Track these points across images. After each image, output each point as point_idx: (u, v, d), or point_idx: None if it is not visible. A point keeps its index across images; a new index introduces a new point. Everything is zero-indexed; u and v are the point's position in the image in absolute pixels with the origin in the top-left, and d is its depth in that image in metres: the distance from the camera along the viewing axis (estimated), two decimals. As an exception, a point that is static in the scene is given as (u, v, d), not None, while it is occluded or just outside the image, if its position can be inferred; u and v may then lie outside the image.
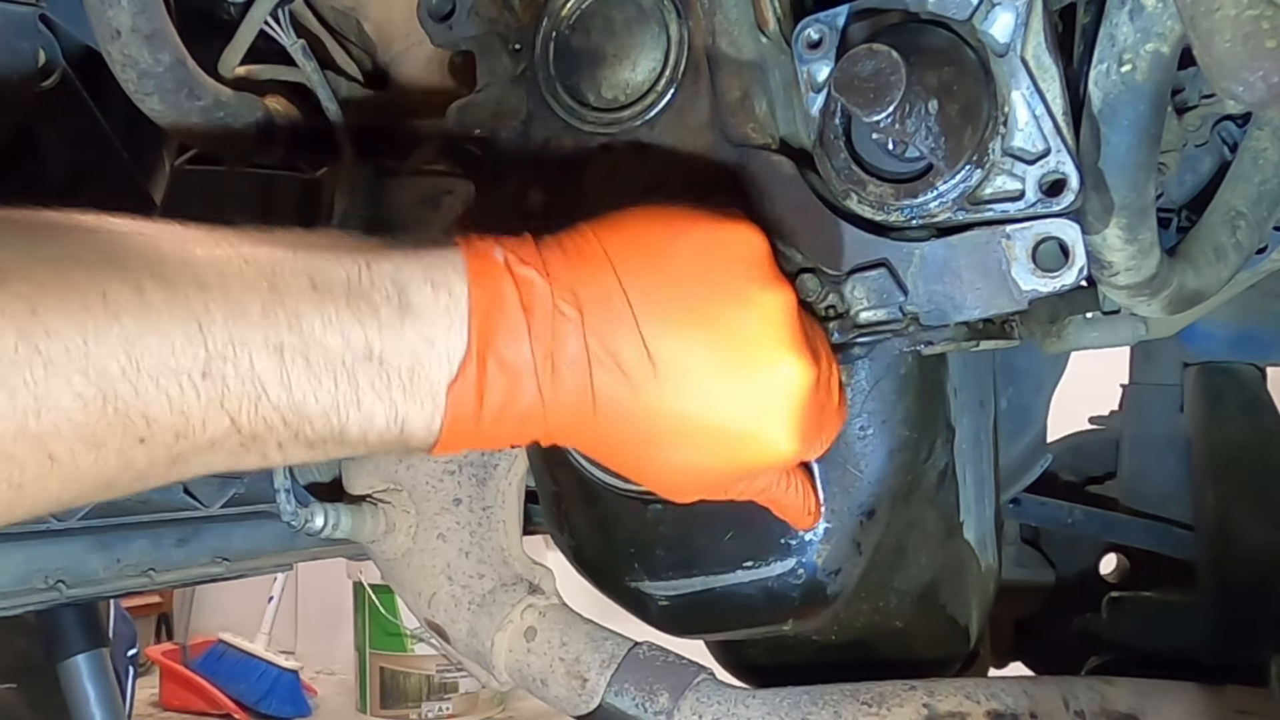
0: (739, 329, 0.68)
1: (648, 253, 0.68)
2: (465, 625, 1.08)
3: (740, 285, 0.70)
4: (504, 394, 0.64)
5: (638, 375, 0.66)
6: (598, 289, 0.66)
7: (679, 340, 0.67)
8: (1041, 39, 0.74)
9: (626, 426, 0.67)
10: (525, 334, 0.64)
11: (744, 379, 0.68)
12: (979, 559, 1.06)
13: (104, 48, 0.90)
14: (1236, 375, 1.48)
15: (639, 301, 0.66)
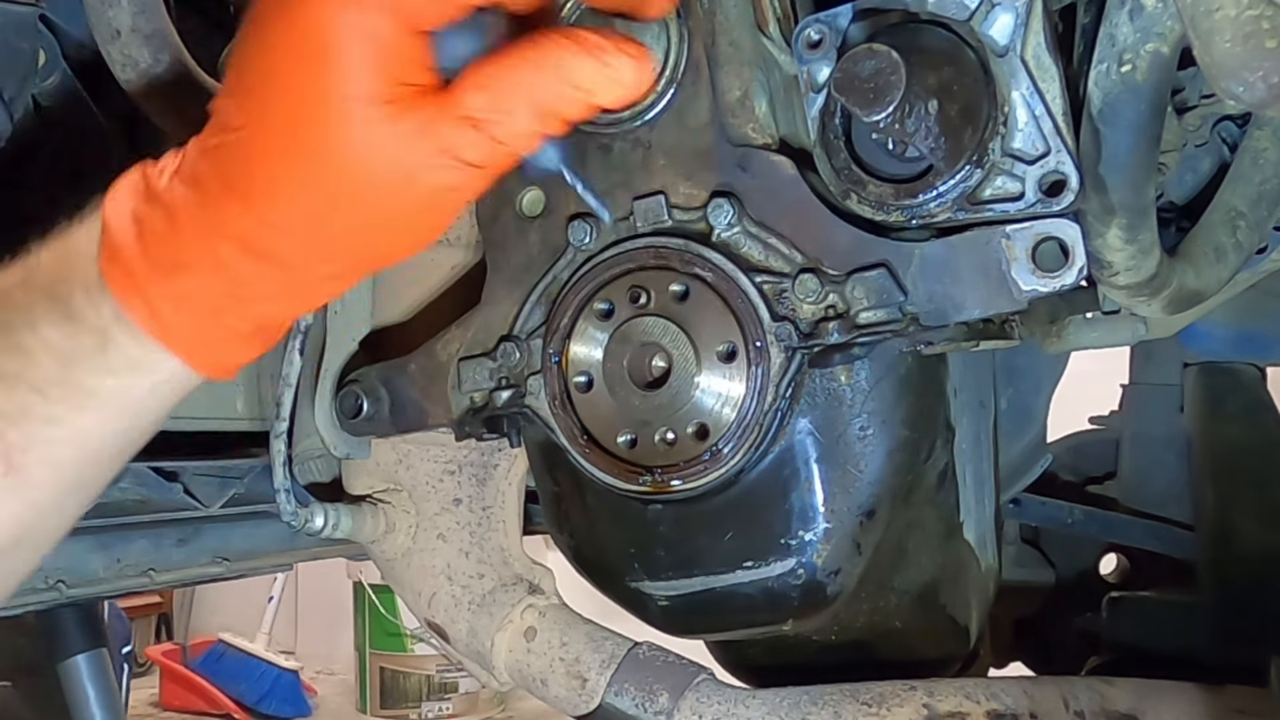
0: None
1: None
2: (465, 625, 1.08)
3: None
4: (153, 220, 0.63)
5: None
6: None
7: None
8: (1041, 39, 0.74)
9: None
10: (146, 179, 0.65)
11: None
12: (979, 559, 1.06)
13: (104, 48, 0.90)
14: (1236, 375, 1.48)
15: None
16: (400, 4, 0.60)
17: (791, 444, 0.86)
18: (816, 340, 0.83)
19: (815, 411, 0.86)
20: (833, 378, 0.86)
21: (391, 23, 0.60)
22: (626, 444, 0.88)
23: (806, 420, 0.86)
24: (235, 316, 0.65)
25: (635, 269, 0.87)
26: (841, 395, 0.86)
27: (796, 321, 0.83)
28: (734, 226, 0.84)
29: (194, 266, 0.63)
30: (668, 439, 0.86)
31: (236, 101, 0.63)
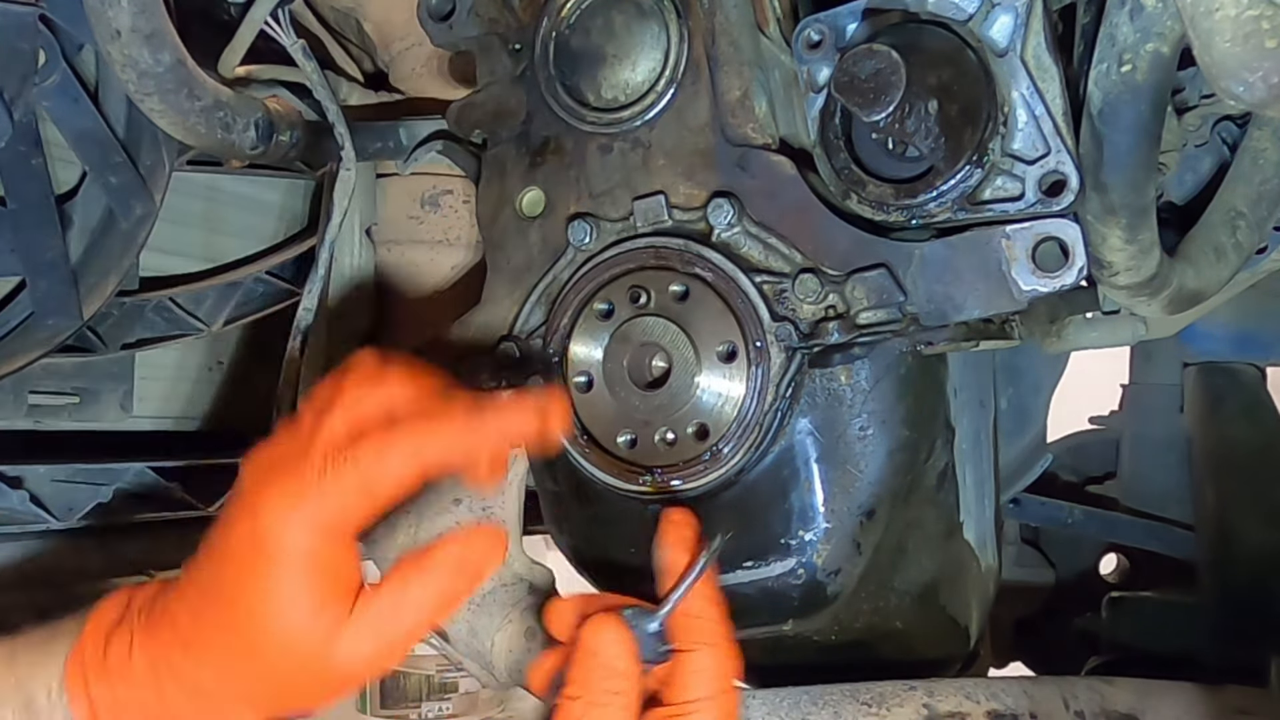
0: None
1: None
2: (465, 625, 1.08)
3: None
4: (107, 670, 0.75)
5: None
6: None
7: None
8: (1041, 39, 0.74)
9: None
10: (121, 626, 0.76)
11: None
12: (979, 559, 1.06)
13: (104, 48, 0.89)
14: (1236, 375, 1.48)
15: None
16: (332, 522, 0.72)
17: (791, 444, 0.86)
18: (816, 340, 0.82)
19: (815, 411, 0.86)
20: (833, 378, 0.86)
21: (324, 537, 0.72)
22: (626, 444, 0.88)
23: (806, 420, 0.86)
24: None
25: (635, 269, 0.87)
26: (841, 395, 0.86)
27: (796, 321, 0.83)
28: (734, 227, 0.84)
29: (138, 683, 0.74)
30: (668, 439, 0.86)
31: (194, 576, 0.75)
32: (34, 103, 1.05)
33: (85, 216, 1.13)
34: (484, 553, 0.79)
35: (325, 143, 1.07)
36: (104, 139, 1.09)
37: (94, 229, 1.13)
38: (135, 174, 1.11)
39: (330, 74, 1.12)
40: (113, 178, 1.10)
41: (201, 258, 1.44)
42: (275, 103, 1.06)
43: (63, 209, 1.12)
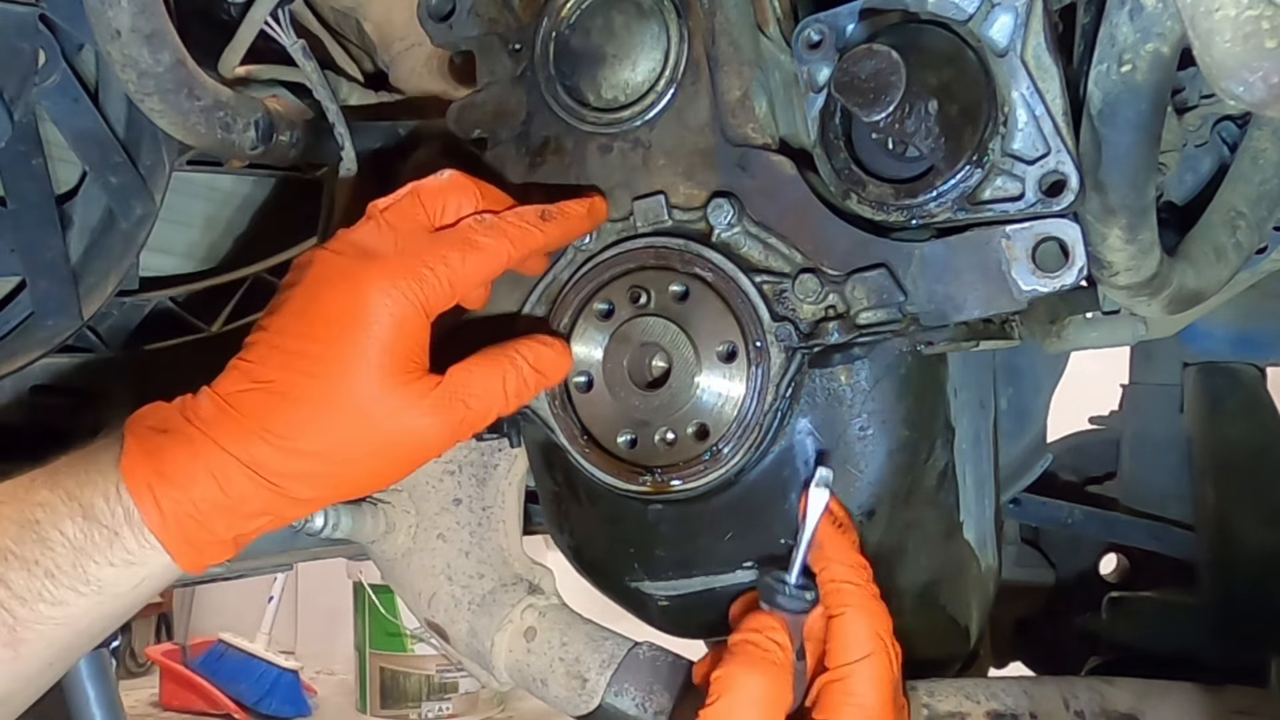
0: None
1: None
2: (465, 625, 1.08)
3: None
4: (171, 445, 0.76)
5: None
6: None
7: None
8: (1041, 40, 0.74)
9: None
10: (169, 405, 0.78)
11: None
12: (979, 559, 1.06)
13: (104, 48, 0.89)
14: (1236, 375, 1.48)
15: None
16: (424, 297, 0.78)
17: (791, 444, 0.86)
18: (816, 340, 0.82)
19: (815, 411, 0.86)
20: (833, 378, 0.86)
21: (416, 310, 0.78)
22: (626, 444, 0.88)
23: (806, 420, 0.86)
24: (223, 526, 0.77)
25: (635, 269, 0.87)
26: (841, 395, 0.86)
27: (796, 321, 0.83)
28: (734, 226, 0.84)
29: (203, 483, 0.75)
30: (668, 439, 0.86)
31: (266, 357, 0.78)
32: (34, 103, 1.05)
33: (85, 216, 1.13)
34: (551, 361, 0.85)
35: (325, 143, 1.07)
36: (104, 139, 1.09)
37: (94, 229, 1.13)
38: (135, 174, 1.11)
39: (330, 74, 1.12)
40: (113, 178, 1.10)
41: (201, 258, 1.44)
42: (275, 103, 1.06)
43: (63, 209, 1.12)
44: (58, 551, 0.74)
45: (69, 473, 0.76)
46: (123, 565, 0.75)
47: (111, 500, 0.74)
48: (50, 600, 0.74)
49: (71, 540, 0.74)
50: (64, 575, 0.74)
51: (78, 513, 0.74)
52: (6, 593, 0.73)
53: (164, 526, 0.75)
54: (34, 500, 0.75)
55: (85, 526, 0.74)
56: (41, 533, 0.74)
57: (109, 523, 0.74)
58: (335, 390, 0.76)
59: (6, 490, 0.76)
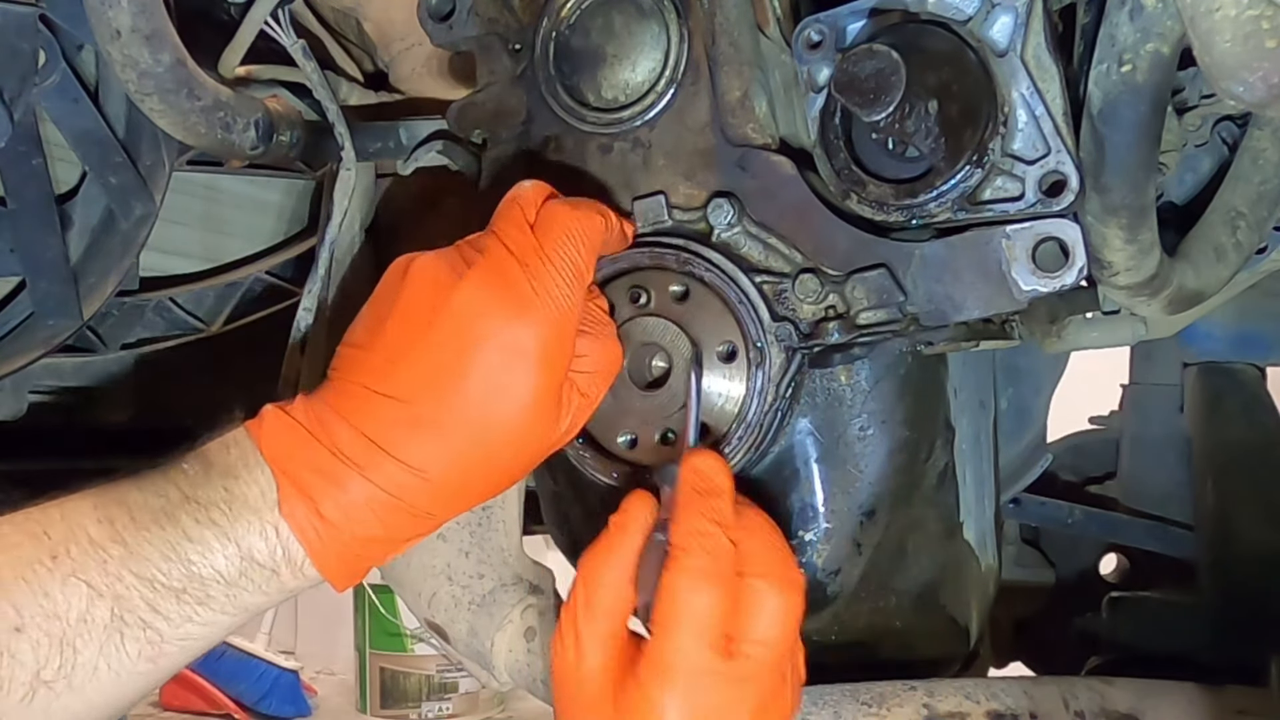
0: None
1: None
2: (465, 625, 1.08)
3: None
4: (328, 487, 0.75)
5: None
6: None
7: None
8: (1041, 40, 0.74)
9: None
10: (314, 442, 0.76)
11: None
12: (979, 559, 1.06)
13: (104, 48, 0.89)
14: (1236, 375, 1.48)
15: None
16: (572, 323, 0.78)
17: (792, 444, 0.86)
18: (817, 340, 0.82)
19: (815, 411, 0.86)
20: (833, 378, 0.86)
21: (569, 338, 0.78)
22: (626, 444, 0.87)
23: (807, 420, 0.86)
24: (380, 554, 0.78)
25: (635, 269, 0.87)
26: (841, 395, 0.86)
27: (796, 322, 0.83)
28: (734, 227, 0.84)
29: (364, 523, 0.76)
30: (668, 439, 0.86)
31: (410, 392, 0.76)
32: (34, 103, 1.05)
33: (85, 216, 1.13)
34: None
35: (325, 143, 1.07)
36: (104, 139, 1.09)
37: (94, 229, 1.13)
38: (135, 174, 1.11)
39: (330, 74, 1.12)
40: (113, 178, 1.10)
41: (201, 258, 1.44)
42: (275, 103, 1.06)
43: (63, 209, 1.12)
44: (210, 586, 0.75)
45: (214, 501, 0.75)
46: (275, 594, 0.78)
47: (270, 542, 0.75)
48: (199, 622, 0.75)
49: (225, 576, 0.75)
50: (215, 603, 0.75)
51: (234, 553, 0.75)
52: (154, 615, 0.73)
53: (328, 564, 0.76)
54: (179, 531, 0.74)
55: (242, 566, 0.75)
56: (194, 570, 0.74)
57: (267, 563, 0.75)
58: (499, 429, 0.76)
59: (142, 507, 0.75)
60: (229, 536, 0.75)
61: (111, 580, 0.72)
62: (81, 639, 0.72)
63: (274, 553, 0.75)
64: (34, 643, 0.70)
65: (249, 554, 0.75)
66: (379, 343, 0.78)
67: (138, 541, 0.73)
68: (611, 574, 0.76)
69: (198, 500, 0.75)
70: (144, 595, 0.73)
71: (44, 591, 0.71)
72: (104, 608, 0.72)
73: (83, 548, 0.72)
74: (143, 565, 0.73)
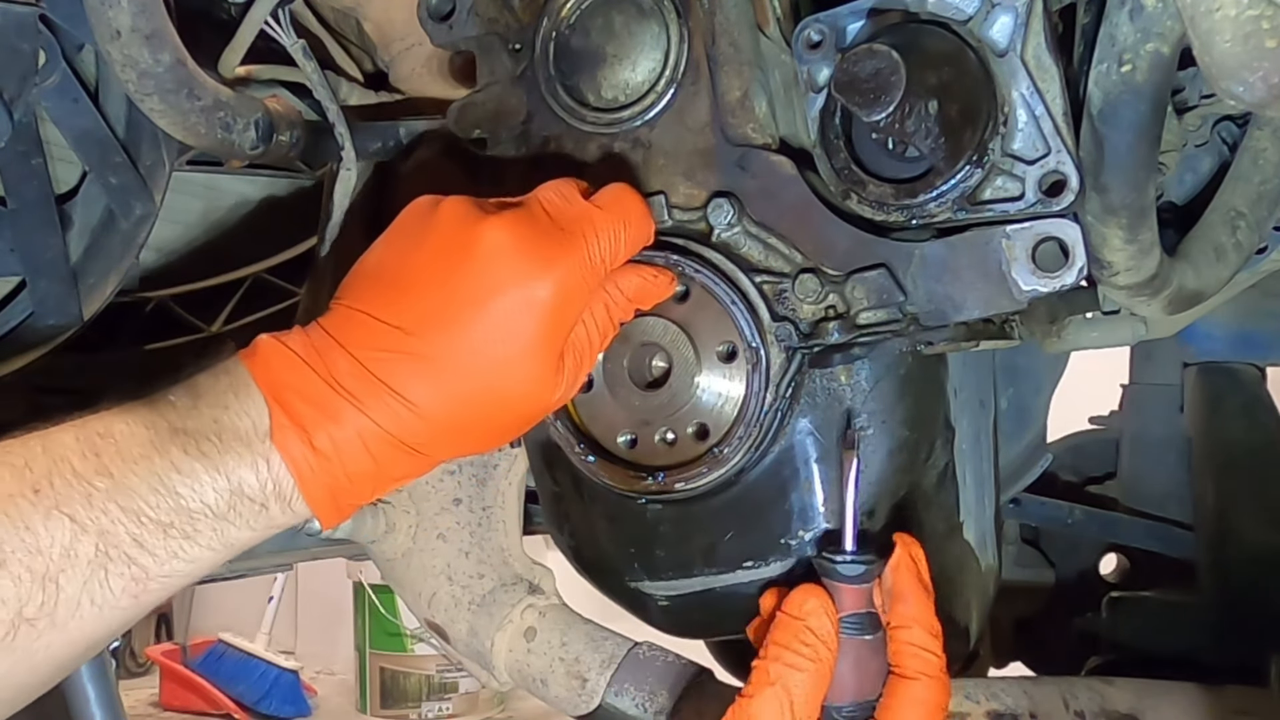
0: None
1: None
2: (465, 625, 1.08)
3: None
4: (322, 419, 0.73)
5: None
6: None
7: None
8: (1041, 40, 0.74)
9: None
10: (310, 371, 0.74)
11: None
12: (979, 559, 1.06)
13: (104, 48, 0.89)
14: (1236, 375, 1.48)
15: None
16: (591, 279, 0.78)
17: (791, 444, 0.86)
18: (816, 340, 0.83)
19: (815, 411, 0.86)
20: (833, 378, 0.86)
21: (584, 293, 0.78)
22: (626, 444, 0.88)
23: (806, 420, 0.86)
24: (370, 491, 0.77)
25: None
26: (841, 395, 0.86)
27: (796, 321, 0.83)
28: (734, 226, 0.84)
29: (356, 457, 0.74)
30: (668, 439, 0.86)
31: (418, 329, 0.75)
32: (34, 103, 1.05)
33: (85, 216, 1.13)
34: (662, 286, 0.84)
35: (325, 143, 1.07)
36: (104, 139, 1.09)
37: (94, 229, 1.13)
38: (135, 174, 1.11)
39: (330, 74, 1.12)
40: (113, 178, 1.10)
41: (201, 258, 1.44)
42: (275, 103, 1.06)
43: (63, 209, 1.12)
44: (198, 520, 0.73)
45: (204, 434, 0.73)
46: (262, 529, 0.75)
47: (261, 475, 0.73)
48: (185, 558, 0.73)
49: (214, 509, 0.73)
50: (202, 537, 0.73)
51: (223, 486, 0.73)
52: (140, 551, 0.71)
53: (318, 498, 0.75)
54: (168, 463, 0.72)
55: (231, 500, 0.73)
56: (182, 503, 0.72)
57: (257, 496, 0.73)
58: (499, 374, 0.75)
59: (130, 440, 0.73)
60: (219, 469, 0.73)
61: (97, 514, 0.70)
62: (65, 575, 0.69)
63: (264, 486, 0.74)
64: (15, 578, 0.68)
65: (239, 487, 0.73)
66: (389, 272, 0.77)
67: (124, 474, 0.71)
68: (818, 693, 0.77)
69: (187, 431, 0.73)
70: (129, 530, 0.71)
71: (26, 526, 0.68)
72: (88, 543, 0.70)
73: (66, 480, 0.70)
74: (129, 498, 0.71)
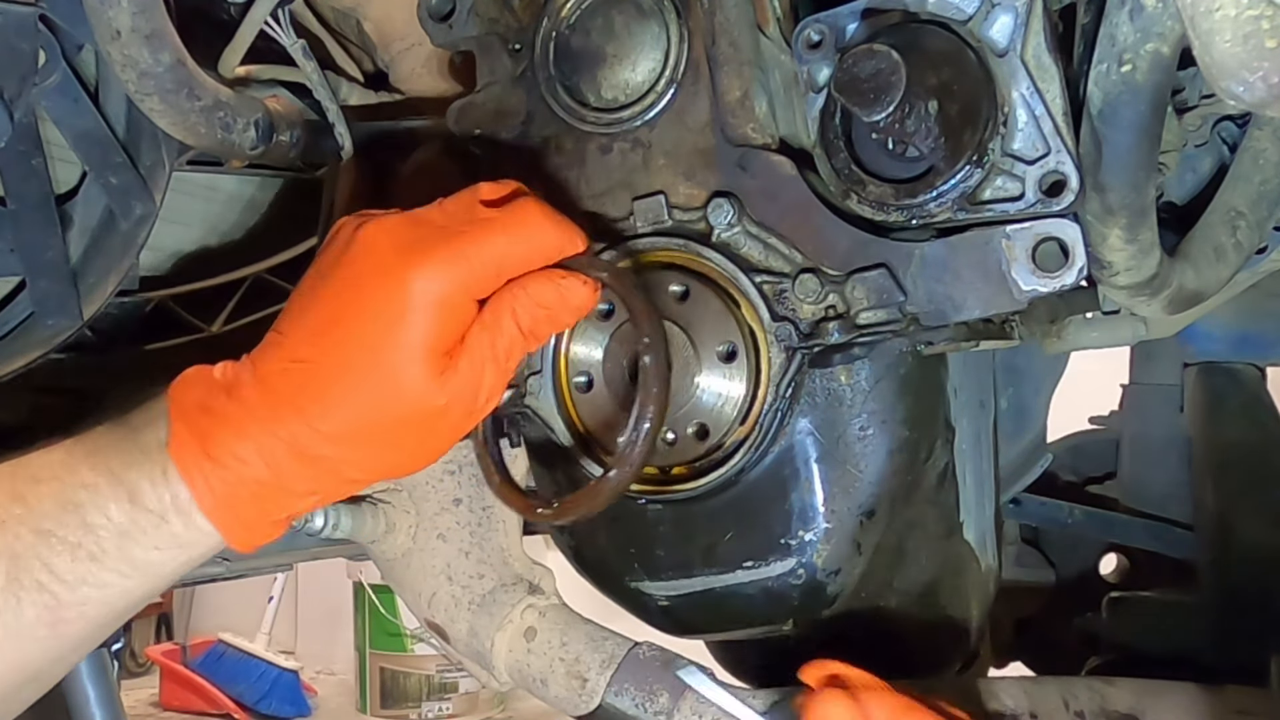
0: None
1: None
2: (465, 625, 1.08)
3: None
4: (219, 429, 0.74)
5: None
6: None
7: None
8: (1041, 40, 0.74)
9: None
10: (216, 387, 0.76)
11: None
12: (979, 559, 1.06)
13: (104, 48, 0.89)
14: (1236, 375, 1.48)
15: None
16: (468, 280, 0.75)
17: (791, 444, 0.86)
18: (816, 340, 0.83)
19: (815, 411, 0.86)
20: (833, 378, 0.86)
21: (460, 293, 0.75)
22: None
23: (806, 420, 0.86)
24: (274, 505, 0.76)
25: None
26: (841, 395, 0.86)
27: (796, 321, 0.83)
28: (734, 227, 0.84)
29: (251, 464, 0.74)
30: (668, 439, 0.86)
31: (305, 337, 0.76)
32: (34, 103, 1.05)
33: (85, 216, 1.13)
34: (575, 292, 0.80)
35: (325, 143, 1.07)
36: (104, 139, 1.08)
37: (94, 229, 1.13)
38: (135, 174, 1.11)
39: (330, 74, 1.12)
40: (113, 178, 1.10)
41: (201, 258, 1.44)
42: (275, 103, 1.06)
43: (63, 209, 1.12)
44: (103, 536, 0.73)
45: (112, 450, 0.75)
46: (169, 548, 0.75)
47: (159, 485, 0.73)
48: (95, 583, 0.73)
49: (117, 525, 0.73)
50: (109, 558, 0.73)
51: (123, 496, 0.73)
52: (50, 576, 0.72)
53: (216, 509, 0.74)
54: (76, 480, 0.73)
55: (131, 511, 0.73)
56: (85, 516, 0.73)
57: (156, 508, 0.73)
58: (371, 373, 0.74)
59: (45, 466, 0.74)
60: (120, 480, 0.73)
61: (10, 539, 0.71)
62: None
63: (161, 496, 0.73)
64: None
65: (137, 497, 0.73)
66: (299, 290, 0.79)
67: (37, 496, 0.72)
68: None
69: (98, 450, 0.74)
70: (39, 554, 0.71)
71: None
72: (0, 568, 0.70)
73: None
74: (39, 520, 0.72)
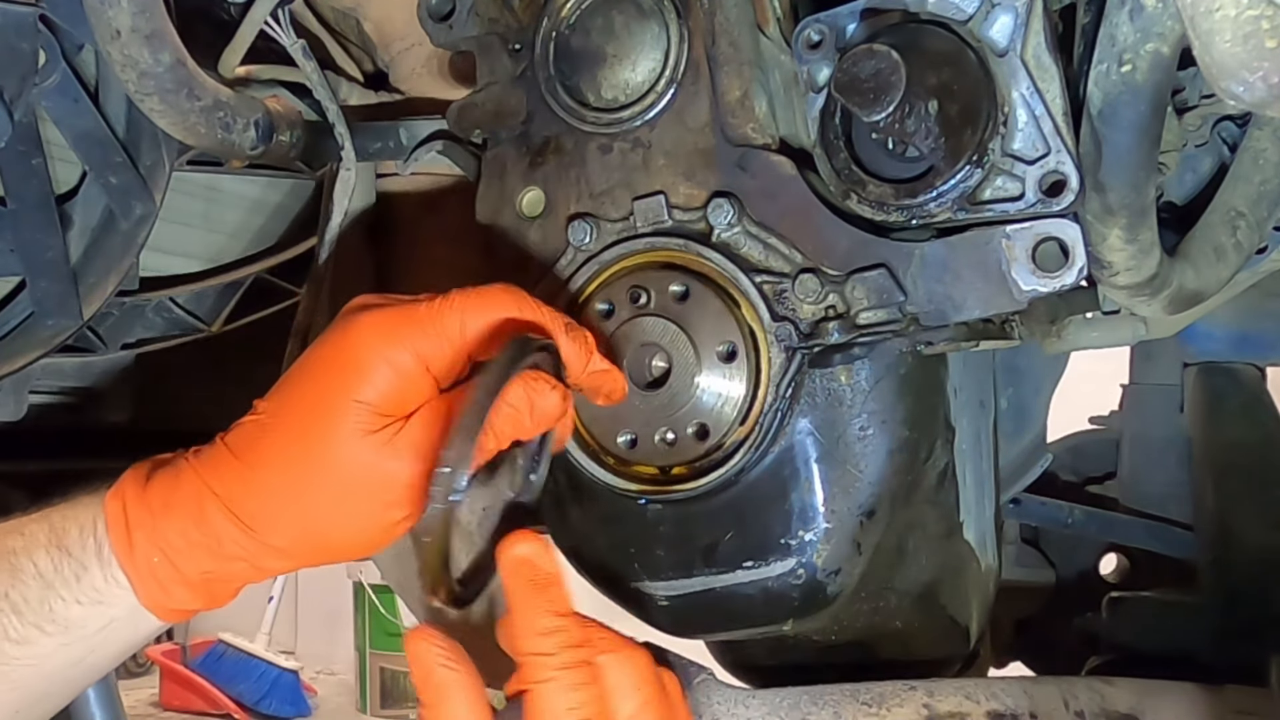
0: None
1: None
2: (465, 625, 1.08)
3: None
4: (165, 477, 0.74)
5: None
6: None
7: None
8: (1041, 40, 0.74)
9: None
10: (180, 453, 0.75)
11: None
12: (979, 559, 1.06)
13: (104, 48, 0.89)
14: (1236, 375, 1.48)
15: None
16: (421, 348, 0.74)
17: (791, 444, 0.86)
18: (816, 340, 0.83)
19: (815, 411, 0.86)
20: (833, 378, 0.86)
21: (409, 355, 0.74)
22: (626, 444, 0.88)
23: (807, 420, 0.86)
24: (192, 564, 0.73)
25: (635, 269, 0.87)
26: (841, 395, 0.86)
27: (796, 321, 0.83)
28: (734, 226, 0.84)
29: (180, 511, 0.73)
30: (668, 439, 0.86)
31: (269, 400, 0.76)
32: (34, 103, 1.05)
33: (85, 216, 1.13)
34: (541, 396, 0.77)
35: (325, 143, 1.07)
36: (104, 139, 1.09)
37: (94, 229, 1.13)
38: (135, 174, 1.11)
39: (330, 74, 1.12)
40: (113, 178, 1.10)
41: (201, 258, 1.44)
42: (275, 103, 1.06)
43: (63, 209, 1.12)
44: (28, 585, 0.72)
45: (65, 507, 0.74)
46: (89, 604, 0.73)
47: (85, 531, 0.72)
48: (15, 639, 0.71)
49: (42, 573, 0.72)
50: (30, 611, 0.72)
51: (52, 543, 0.72)
52: None
53: (131, 558, 0.72)
54: (18, 530, 0.73)
55: (56, 558, 0.72)
56: (15, 563, 0.72)
57: (78, 555, 0.72)
58: (312, 424, 0.73)
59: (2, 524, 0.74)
60: (54, 528, 0.73)
61: None
62: None
63: (86, 543, 0.72)
64: None
65: (64, 542, 0.72)
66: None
67: None
68: None
69: (54, 506, 0.74)
70: None
71: None
72: None
73: None
74: None
